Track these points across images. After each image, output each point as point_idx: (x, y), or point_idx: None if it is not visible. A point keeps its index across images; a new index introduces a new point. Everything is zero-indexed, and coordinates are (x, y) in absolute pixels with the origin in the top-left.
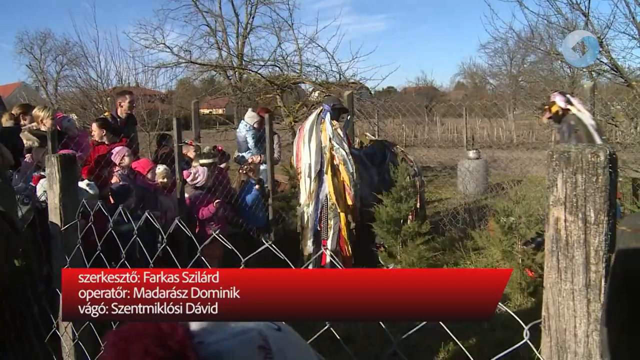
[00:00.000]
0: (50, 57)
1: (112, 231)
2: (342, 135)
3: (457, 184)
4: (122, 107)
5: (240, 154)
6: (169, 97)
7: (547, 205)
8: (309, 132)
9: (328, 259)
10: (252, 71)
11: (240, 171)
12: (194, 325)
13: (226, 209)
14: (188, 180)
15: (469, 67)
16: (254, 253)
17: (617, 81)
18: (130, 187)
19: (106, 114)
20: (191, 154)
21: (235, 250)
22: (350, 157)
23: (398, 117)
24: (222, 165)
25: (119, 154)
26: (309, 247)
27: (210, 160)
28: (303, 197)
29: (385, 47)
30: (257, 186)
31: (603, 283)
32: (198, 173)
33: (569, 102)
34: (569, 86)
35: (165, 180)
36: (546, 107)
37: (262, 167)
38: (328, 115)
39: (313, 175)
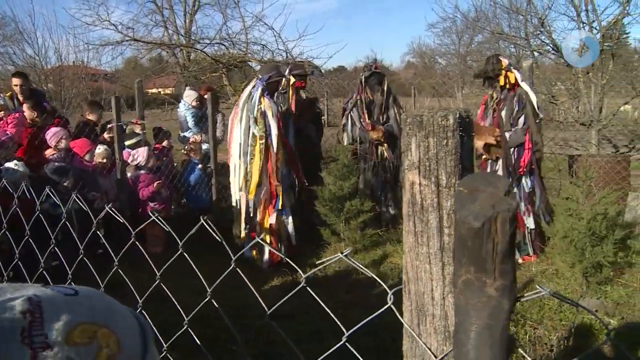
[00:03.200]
0: None
1: (42, 213)
2: (272, 113)
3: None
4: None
5: (182, 134)
6: (115, 76)
7: (403, 169)
8: (241, 110)
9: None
10: (198, 49)
11: (183, 151)
12: None
13: (169, 188)
14: (128, 160)
15: (418, 46)
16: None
17: (559, 61)
18: (67, 167)
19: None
20: (138, 132)
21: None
22: (274, 139)
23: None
24: (164, 144)
25: (55, 136)
26: (243, 231)
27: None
28: (234, 178)
29: (334, 25)
30: (199, 166)
31: None
32: (137, 153)
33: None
34: (513, 66)
35: (104, 160)
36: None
37: (205, 146)
38: (258, 92)
39: (242, 155)
